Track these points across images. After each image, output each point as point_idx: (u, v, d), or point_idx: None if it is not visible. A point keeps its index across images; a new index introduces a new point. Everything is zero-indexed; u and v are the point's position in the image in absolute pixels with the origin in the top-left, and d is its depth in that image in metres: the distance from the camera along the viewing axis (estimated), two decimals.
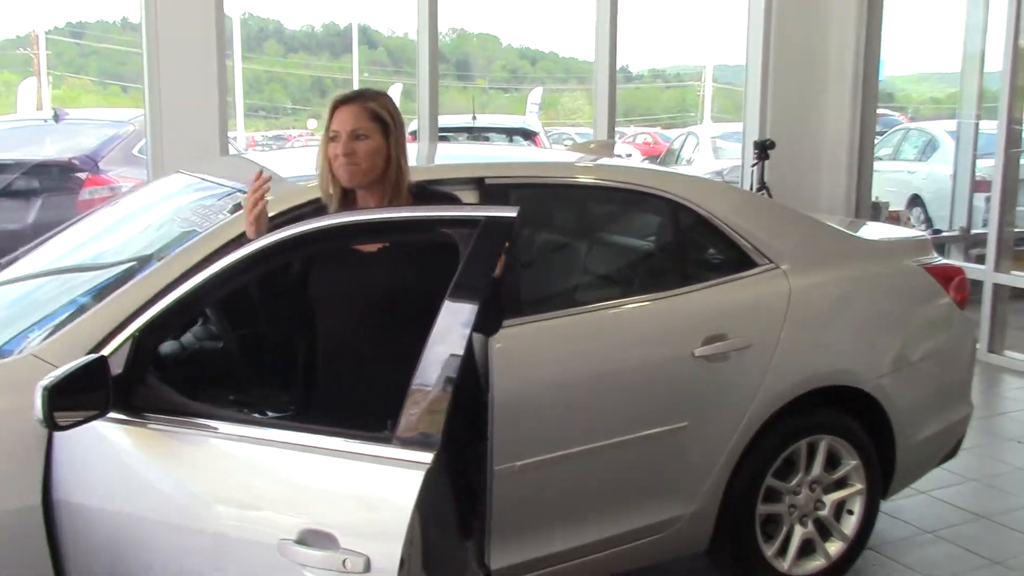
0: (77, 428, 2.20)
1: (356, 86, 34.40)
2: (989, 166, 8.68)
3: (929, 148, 11.46)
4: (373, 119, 2.41)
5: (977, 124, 8.52)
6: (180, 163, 5.53)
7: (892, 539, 3.89)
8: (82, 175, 6.44)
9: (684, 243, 3.37)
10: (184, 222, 2.83)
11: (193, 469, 2.16)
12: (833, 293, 3.49)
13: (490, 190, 2.94)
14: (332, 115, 2.41)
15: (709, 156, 11.72)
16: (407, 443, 1.82)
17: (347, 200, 2.48)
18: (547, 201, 3.22)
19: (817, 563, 3.48)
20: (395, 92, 25.80)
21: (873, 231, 4.17)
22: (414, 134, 9.75)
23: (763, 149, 6.77)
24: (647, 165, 5.98)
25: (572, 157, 3.48)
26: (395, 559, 1.79)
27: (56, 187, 6.51)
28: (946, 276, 3.81)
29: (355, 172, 2.38)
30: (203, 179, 3.31)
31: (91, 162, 6.52)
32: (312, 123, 28.55)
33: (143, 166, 7.04)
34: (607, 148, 3.93)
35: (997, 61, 6.58)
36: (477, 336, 2.58)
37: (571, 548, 3.00)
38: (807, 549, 3.47)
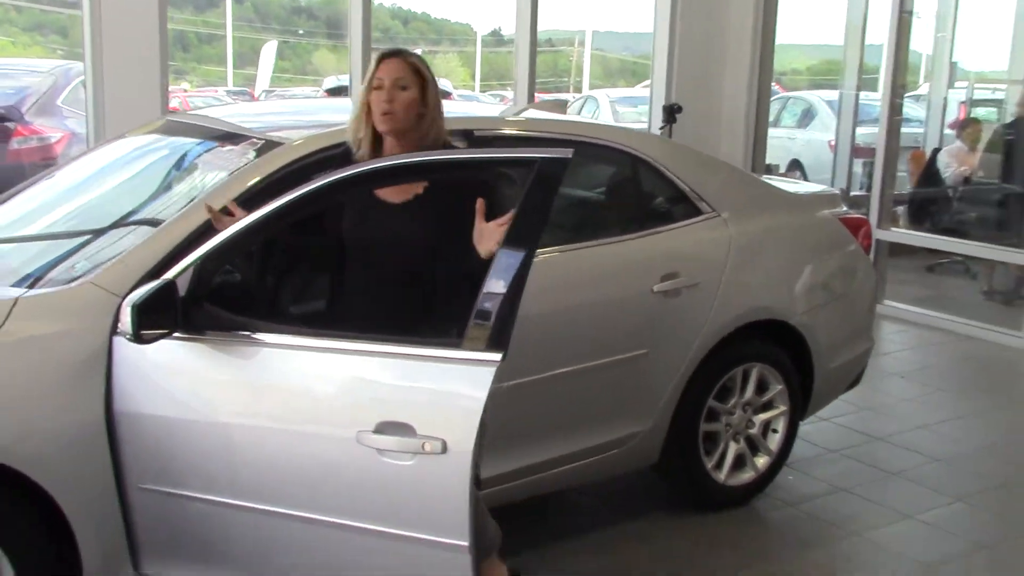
0: (135, 346, 2.48)
1: (230, 42, 33.47)
2: (865, 133, 9.47)
3: (807, 116, 12.26)
4: (414, 72, 2.68)
5: (858, 94, 9.23)
6: (122, 115, 5.67)
7: (805, 457, 4.43)
8: (10, 125, 6.42)
9: (642, 192, 3.78)
10: (210, 164, 3.07)
11: (263, 376, 2.45)
12: (765, 238, 3.96)
13: (478, 142, 3.27)
14: (378, 66, 2.67)
15: (609, 119, 12.23)
16: (479, 345, 2.17)
17: (376, 146, 2.76)
18: None
19: (748, 475, 3.98)
20: (270, 50, 25.34)
21: (789, 185, 4.67)
22: (331, 91, 9.87)
23: (671, 113, 7.25)
24: (610, 122, 6.36)
25: (543, 114, 3.82)
26: (471, 441, 2.14)
27: None
28: (855, 226, 4.34)
29: (393, 119, 2.63)
30: (201, 126, 3.53)
31: (17, 112, 6.51)
32: (186, 85, 27.63)
33: (62, 116, 7.07)
34: (561, 107, 4.31)
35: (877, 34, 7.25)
36: None
37: (547, 460, 3.39)
38: (739, 463, 3.96)
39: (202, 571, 2.62)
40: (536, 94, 7.22)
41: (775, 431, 4.03)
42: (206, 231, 2.69)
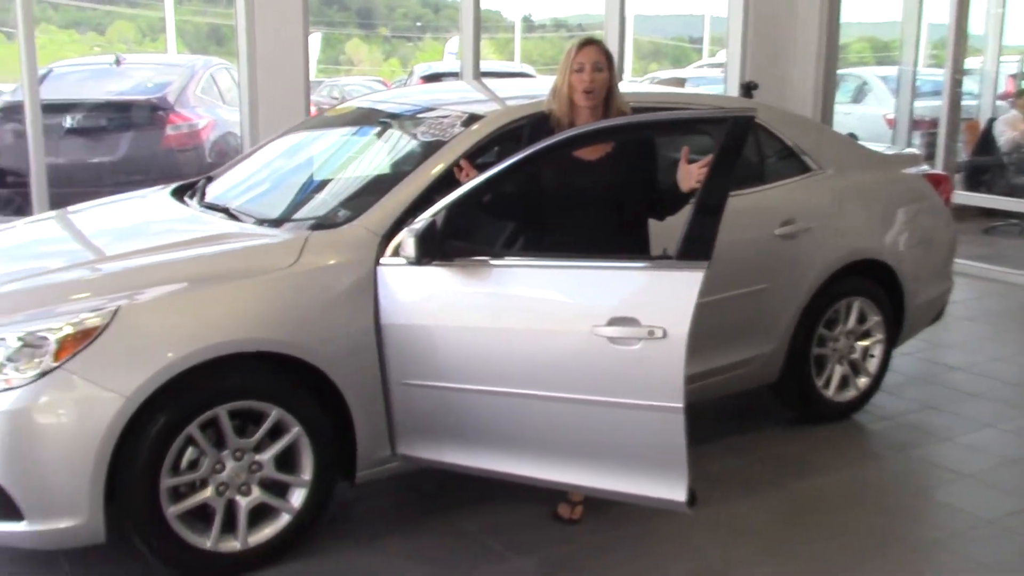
0: (396, 270, 3.24)
1: None
2: (922, 107, 10.09)
3: (861, 92, 12.83)
4: (606, 57, 3.39)
5: (915, 70, 9.83)
6: (272, 104, 6.44)
7: (896, 383, 5.09)
8: (162, 113, 7.22)
9: (762, 153, 4.47)
10: (427, 132, 3.80)
11: (507, 292, 3.17)
12: (863, 190, 4.63)
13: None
14: (578, 52, 3.37)
15: None
16: (690, 253, 2.88)
17: (571, 117, 3.44)
18: None
19: (851, 393, 4.66)
20: (315, 41, 26.05)
21: (875, 148, 5.34)
22: (427, 78, 10.55)
23: (748, 90, 7.87)
24: (735, 96, 7.04)
25: (675, 89, 4.52)
26: (686, 327, 2.85)
27: (139, 124, 7.29)
28: (936, 181, 5.01)
29: (593, 95, 3.33)
30: (396, 103, 4.28)
31: (167, 103, 7.31)
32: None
33: (201, 105, 7.87)
34: (679, 83, 5.00)
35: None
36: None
37: (696, 372, 4.07)
38: (843, 383, 4.64)
39: (448, 448, 3.36)
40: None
41: (872, 356, 4.70)
42: (438, 184, 3.45)
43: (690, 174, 3.10)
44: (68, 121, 7.04)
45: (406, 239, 3.14)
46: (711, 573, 3.33)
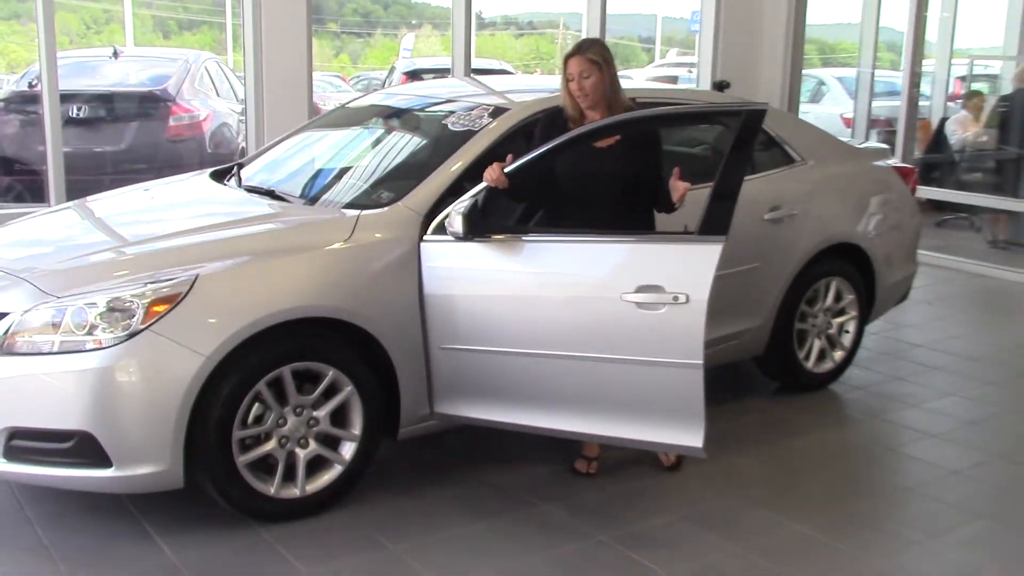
0: (437, 246, 3.61)
1: (229, 27, 34.16)
2: (878, 107, 10.66)
3: (818, 93, 13.41)
4: (591, 64, 3.74)
5: (873, 72, 10.39)
6: (275, 96, 6.76)
7: (865, 357, 5.58)
8: (165, 104, 7.49)
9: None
10: (456, 123, 4.17)
11: (540, 264, 3.56)
12: (840, 180, 5.10)
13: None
14: (566, 64, 3.76)
15: None
16: (709, 230, 3.29)
17: (581, 113, 3.86)
18: None
19: (828, 365, 5.12)
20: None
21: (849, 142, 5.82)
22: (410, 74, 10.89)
23: (720, 88, 8.35)
24: (724, 93, 7.47)
25: (671, 86, 4.94)
26: (706, 294, 3.26)
27: (142, 115, 7.55)
28: (904, 173, 5.50)
29: (586, 99, 3.72)
30: (414, 96, 4.65)
31: (170, 94, 7.58)
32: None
33: (197, 97, 8.15)
34: (672, 81, 5.42)
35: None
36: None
37: None
38: (821, 356, 5.10)
39: (482, 406, 3.73)
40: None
41: (847, 332, 5.17)
42: (471, 170, 3.83)
43: (676, 189, 3.57)
44: (73, 111, 7.27)
45: (454, 217, 3.51)
46: (718, 514, 3.74)
